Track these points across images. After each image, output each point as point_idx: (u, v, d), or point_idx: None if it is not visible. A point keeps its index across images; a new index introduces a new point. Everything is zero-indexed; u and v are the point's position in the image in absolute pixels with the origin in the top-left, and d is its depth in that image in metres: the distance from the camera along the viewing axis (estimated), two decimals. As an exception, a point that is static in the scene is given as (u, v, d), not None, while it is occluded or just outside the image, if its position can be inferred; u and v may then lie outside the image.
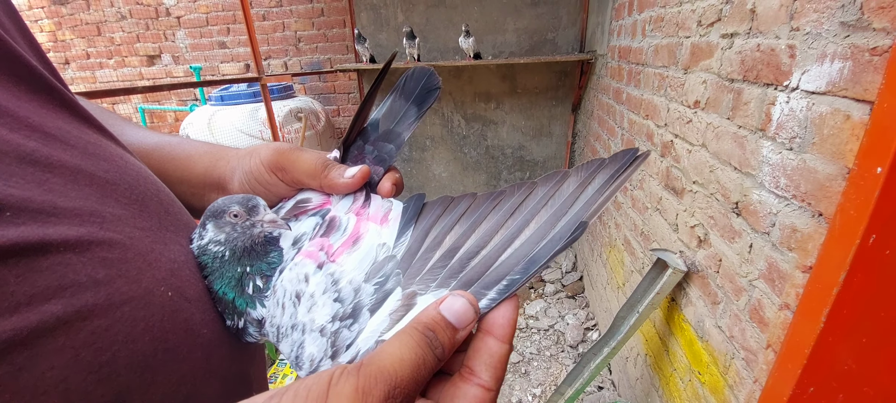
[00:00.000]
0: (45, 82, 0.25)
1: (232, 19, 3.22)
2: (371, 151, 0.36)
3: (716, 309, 1.02)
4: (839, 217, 0.63)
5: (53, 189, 0.21)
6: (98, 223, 0.22)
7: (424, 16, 2.88)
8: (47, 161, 0.21)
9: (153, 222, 0.26)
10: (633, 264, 1.67)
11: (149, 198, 0.27)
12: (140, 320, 0.21)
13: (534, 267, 0.23)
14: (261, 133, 2.53)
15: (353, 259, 0.28)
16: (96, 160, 0.24)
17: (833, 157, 0.66)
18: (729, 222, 0.97)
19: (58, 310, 0.18)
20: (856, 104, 0.62)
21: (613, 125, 2.00)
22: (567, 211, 0.25)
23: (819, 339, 0.66)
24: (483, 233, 0.27)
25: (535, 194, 0.27)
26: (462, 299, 0.22)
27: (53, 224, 0.20)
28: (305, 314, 0.26)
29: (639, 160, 0.24)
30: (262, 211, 0.29)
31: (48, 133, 0.23)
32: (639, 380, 1.56)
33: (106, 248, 0.21)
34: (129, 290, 0.21)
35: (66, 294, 0.19)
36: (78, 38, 3.57)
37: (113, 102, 3.70)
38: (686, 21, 1.21)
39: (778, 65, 0.79)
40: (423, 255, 0.27)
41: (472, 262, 0.25)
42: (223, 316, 0.28)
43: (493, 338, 0.22)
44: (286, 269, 0.28)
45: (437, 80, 0.36)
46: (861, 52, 0.61)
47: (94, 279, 0.20)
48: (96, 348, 0.19)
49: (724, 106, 0.99)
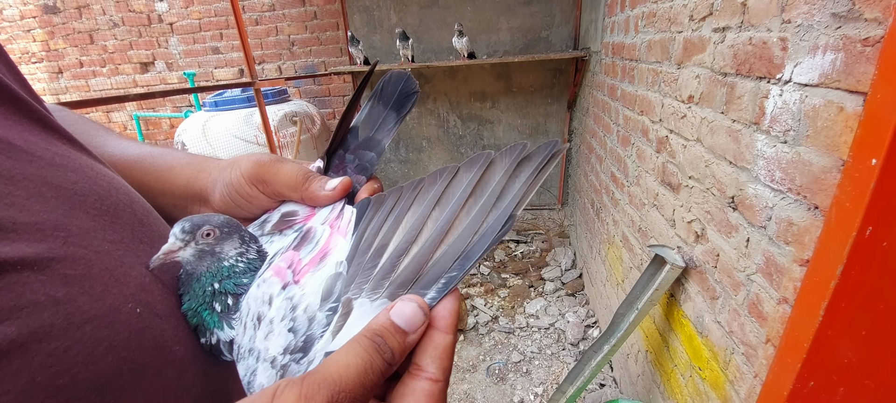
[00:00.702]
0: (9, 93, 0.24)
1: (225, 24, 3.21)
2: (352, 160, 0.36)
3: (715, 304, 1.02)
4: (835, 209, 0.63)
5: (15, 202, 0.20)
6: (62, 238, 0.21)
7: (418, 17, 2.88)
8: (10, 173, 0.21)
9: (125, 234, 0.25)
10: (631, 260, 1.66)
11: (121, 209, 0.26)
12: (103, 339, 0.20)
13: (468, 263, 0.24)
14: (256, 138, 2.52)
15: (315, 279, 0.27)
16: (64, 171, 0.24)
17: (827, 150, 0.65)
18: (725, 217, 0.96)
19: (12, 333, 0.17)
20: (849, 95, 0.62)
21: (609, 121, 2.00)
22: (495, 204, 0.25)
23: (818, 333, 0.66)
24: (409, 228, 0.26)
25: (459, 181, 0.27)
26: (412, 304, 0.22)
27: (12, 240, 0.19)
28: (262, 340, 0.25)
29: (559, 153, 0.25)
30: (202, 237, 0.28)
31: (13, 145, 0.22)
32: (640, 377, 1.55)
33: (68, 265, 0.21)
34: (91, 308, 0.21)
35: (22, 314, 0.18)
36: (71, 46, 3.56)
37: (107, 110, 3.68)
38: (678, 16, 1.21)
39: (770, 58, 0.79)
40: (358, 259, 0.27)
41: (402, 261, 0.25)
42: (196, 333, 0.28)
43: (437, 330, 0.23)
44: (254, 285, 0.28)
45: (414, 84, 0.35)
46: (853, 42, 0.61)
47: (54, 298, 0.19)
48: (53, 371, 0.18)
49: (718, 100, 0.99)
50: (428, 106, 3.18)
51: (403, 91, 0.35)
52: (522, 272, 2.76)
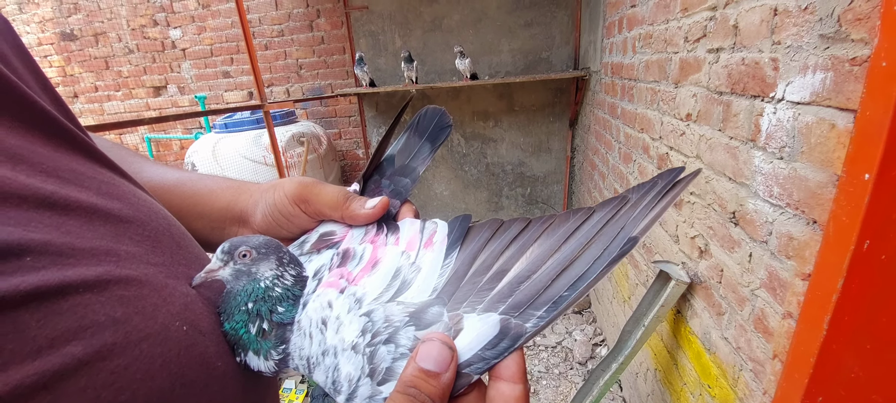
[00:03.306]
0: (58, 126, 0.26)
1: (235, 50, 3.32)
2: (387, 185, 0.38)
3: (721, 319, 1.02)
4: (832, 224, 0.64)
5: (71, 231, 0.22)
6: (114, 261, 0.22)
7: (422, 40, 2.97)
8: (64, 203, 0.22)
9: (166, 257, 0.26)
10: (637, 277, 1.66)
11: (161, 233, 0.27)
12: (158, 356, 0.22)
13: (583, 284, 0.24)
14: (264, 158, 2.58)
15: (374, 279, 0.28)
16: (109, 199, 0.25)
17: (822, 165, 0.67)
18: (728, 232, 0.97)
19: (79, 352, 0.19)
20: (840, 113, 0.64)
21: (610, 139, 2.03)
22: (620, 233, 0.25)
23: (823, 347, 0.66)
24: (535, 258, 0.27)
25: (591, 219, 0.27)
26: (434, 341, 0.23)
27: (72, 265, 0.20)
28: (334, 336, 0.26)
29: (687, 178, 0.25)
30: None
31: (62, 176, 0.24)
32: (650, 396, 1.53)
33: (123, 286, 0.22)
34: (146, 327, 0.22)
35: (87, 334, 0.19)
36: (86, 71, 3.69)
37: (120, 133, 3.78)
38: (673, 37, 1.25)
39: (763, 77, 0.82)
40: (472, 278, 0.27)
41: (521, 286, 0.25)
42: (233, 351, 0.29)
43: (504, 382, 0.23)
44: (309, 302, 0.29)
45: (448, 119, 0.39)
46: (841, 62, 0.64)
47: (113, 317, 0.20)
48: (117, 387, 0.19)
49: (715, 118, 1.01)
50: (444, 141, 3.24)
51: (438, 124, 0.39)
52: (527, 289, 2.74)
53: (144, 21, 3.39)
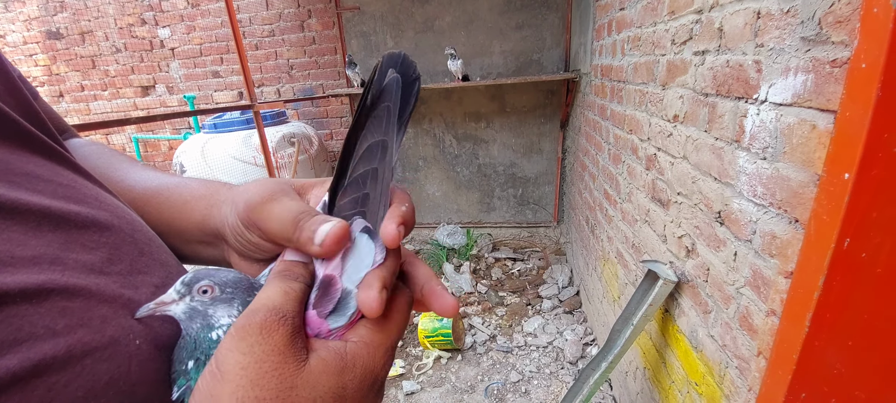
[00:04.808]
0: (15, 127, 0.24)
1: (225, 49, 3.29)
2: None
3: (707, 318, 1.03)
4: (814, 222, 0.65)
5: (13, 237, 0.20)
6: (59, 270, 0.21)
7: (413, 41, 2.97)
8: (10, 207, 0.21)
9: (125, 266, 0.24)
10: (626, 277, 1.67)
11: (123, 239, 0.26)
12: (103, 373, 0.20)
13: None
14: (255, 159, 2.55)
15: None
16: (67, 202, 0.24)
17: (803, 165, 0.68)
18: (713, 231, 0.99)
19: (13, 366, 0.17)
20: (820, 114, 0.65)
21: (600, 140, 2.05)
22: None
23: (805, 344, 0.67)
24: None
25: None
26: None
27: (10, 274, 0.19)
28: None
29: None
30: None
31: (12, 179, 0.22)
32: (639, 395, 1.54)
33: (67, 297, 0.20)
34: (91, 340, 0.20)
35: (22, 348, 0.18)
36: (73, 70, 3.62)
37: (107, 133, 3.71)
38: (661, 40, 1.26)
39: (747, 79, 0.83)
40: None
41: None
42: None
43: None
44: None
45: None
46: (822, 64, 0.65)
47: (52, 329, 0.19)
48: None
49: (701, 119, 1.03)
50: (424, 126, 3.24)
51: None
52: (520, 290, 2.75)
53: (132, 20, 3.34)
